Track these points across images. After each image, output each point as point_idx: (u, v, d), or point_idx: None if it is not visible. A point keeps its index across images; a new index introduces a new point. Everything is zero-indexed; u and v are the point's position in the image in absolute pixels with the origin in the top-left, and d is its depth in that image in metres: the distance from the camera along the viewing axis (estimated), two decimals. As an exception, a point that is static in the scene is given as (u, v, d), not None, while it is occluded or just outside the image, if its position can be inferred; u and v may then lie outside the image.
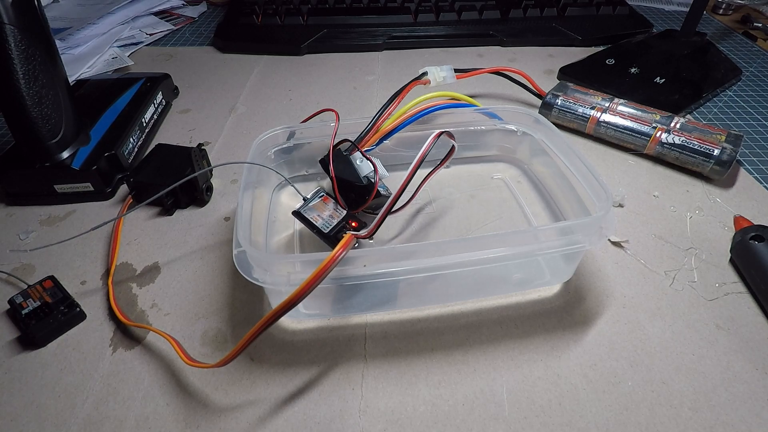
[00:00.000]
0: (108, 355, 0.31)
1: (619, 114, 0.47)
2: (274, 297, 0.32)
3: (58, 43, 0.56)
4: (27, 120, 0.39)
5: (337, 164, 0.36)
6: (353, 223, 0.32)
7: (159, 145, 0.44)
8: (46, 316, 0.32)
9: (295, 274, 0.28)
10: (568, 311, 0.34)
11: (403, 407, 0.29)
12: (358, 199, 0.35)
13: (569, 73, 0.59)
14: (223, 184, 0.45)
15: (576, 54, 0.65)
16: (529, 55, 0.66)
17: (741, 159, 0.47)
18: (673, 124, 0.45)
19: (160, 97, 0.53)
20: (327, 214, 0.33)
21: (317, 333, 0.33)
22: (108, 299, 0.34)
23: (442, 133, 0.32)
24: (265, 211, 0.40)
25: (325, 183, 0.43)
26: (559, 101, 0.50)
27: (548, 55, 0.66)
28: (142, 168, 0.41)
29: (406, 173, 0.30)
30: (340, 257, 0.27)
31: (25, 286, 0.34)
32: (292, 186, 0.35)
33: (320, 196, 0.34)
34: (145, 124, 0.50)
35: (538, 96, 0.54)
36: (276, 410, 0.29)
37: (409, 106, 0.40)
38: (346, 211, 0.33)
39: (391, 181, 0.37)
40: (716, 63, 0.59)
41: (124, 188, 0.44)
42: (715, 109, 0.54)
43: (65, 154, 0.42)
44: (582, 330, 0.33)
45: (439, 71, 0.46)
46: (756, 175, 0.45)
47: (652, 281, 0.36)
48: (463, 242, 0.31)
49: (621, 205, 0.42)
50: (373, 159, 0.35)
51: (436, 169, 0.35)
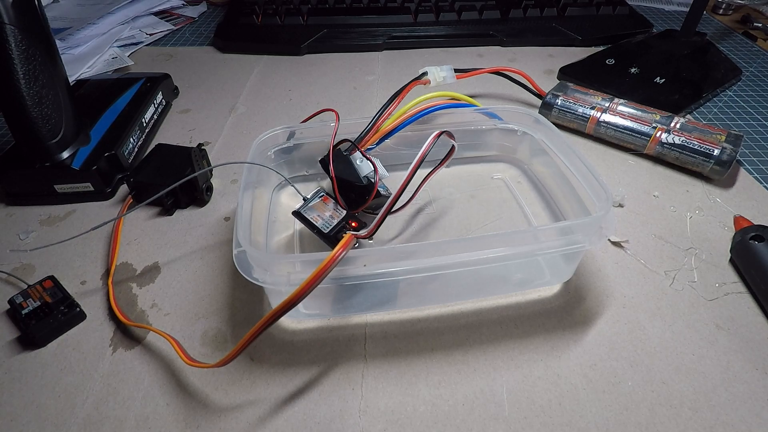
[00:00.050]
0: (108, 355, 0.31)
1: (619, 114, 0.47)
2: (274, 297, 0.32)
3: (58, 43, 0.56)
4: (27, 120, 0.39)
5: (337, 164, 0.36)
6: (353, 223, 0.32)
7: (159, 145, 0.44)
8: (46, 316, 0.32)
9: (295, 274, 0.28)
10: (568, 311, 0.34)
11: (403, 407, 0.29)
12: (358, 199, 0.35)
13: (569, 73, 0.59)
14: (223, 184, 0.45)
15: (576, 54, 0.65)
16: (529, 55, 0.66)
17: (741, 159, 0.47)
18: (673, 124, 0.45)
19: (160, 97, 0.53)
20: (327, 214, 0.33)
21: (317, 333, 0.33)
22: (108, 299, 0.34)
23: (442, 133, 0.32)
24: (265, 211, 0.40)
25: (325, 183, 0.43)
26: (559, 101, 0.50)
27: (548, 55, 0.66)
28: (142, 168, 0.41)
29: (406, 173, 0.30)
30: (340, 257, 0.27)
31: (25, 286, 0.34)
32: (292, 186, 0.35)
33: (320, 196, 0.34)
34: (145, 124, 0.50)
35: (538, 96, 0.54)
36: (276, 410, 0.29)
37: (409, 106, 0.40)
38: (346, 211, 0.33)
39: (391, 181, 0.37)
40: (716, 63, 0.59)
41: (124, 188, 0.44)
42: (715, 109, 0.54)
43: (65, 154, 0.42)
44: (582, 330, 0.33)
45: (439, 71, 0.46)
46: (756, 175, 0.45)
47: (652, 281, 0.36)
48: (463, 242, 0.31)
49: (621, 205, 0.42)
50: (373, 159, 0.35)
51: (436, 169, 0.35)
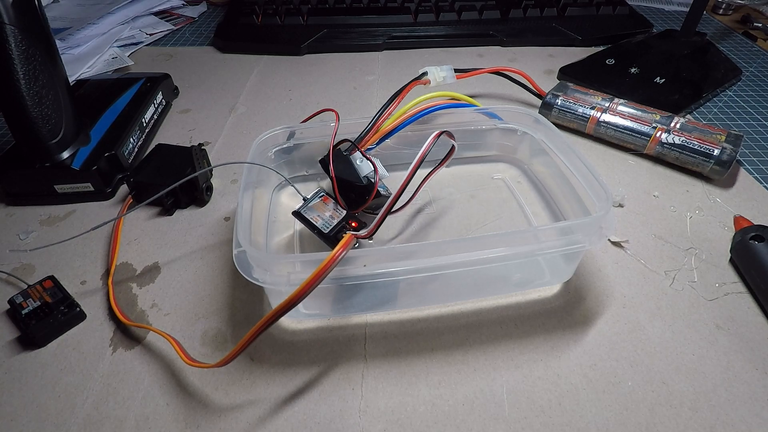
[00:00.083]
0: (108, 355, 0.31)
1: (619, 114, 0.47)
2: (274, 297, 0.32)
3: (58, 43, 0.56)
4: (27, 120, 0.39)
5: (337, 164, 0.36)
6: (353, 223, 0.32)
7: (159, 145, 0.44)
8: (46, 316, 0.32)
9: (295, 274, 0.28)
10: (568, 311, 0.34)
11: (403, 407, 0.29)
12: (358, 199, 0.35)
13: (569, 73, 0.59)
14: (223, 184, 0.45)
15: (576, 54, 0.65)
16: (529, 55, 0.66)
17: (741, 159, 0.47)
18: (673, 124, 0.45)
19: (160, 97, 0.53)
20: (327, 215, 0.33)
21: (317, 333, 0.33)
22: (108, 299, 0.34)
23: (442, 133, 0.32)
24: (265, 211, 0.40)
25: (324, 183, 0.43)
26: (559, 101, 0.50)
27: (548, 55, 0.66)
28: (142, 168, 0.41)
29: (406, 173, 0.30)
30: (340, 257, 0.27)
31: (25, 286, 0.34)
32: (292, 186, 0.35)
33: (320, 197, 0.34)
34: (145, 124, 0.50)
35: (538, 96, 0.54)
36: (276, 410, 0.29)
37: (409, 106, 0.40)
38: (346, 211, 0.33)
39: (391, 181, 0.37)
40: (716, 63, 0.59)
41: (124, 188, 0.44)
42: (715, 109, 0.54)
43: (65, 154, 0.42)
44: (582, 330, 0.33)
45: (439, 71, 0.46)
46: (756, 175, 0.45)
47: (652, 281, 0.36)
48: (463, 242, 0.31)
49: (621, 205, 0.42)
50: (373, 159, 0.35)
51: (436, 169, 0.35)
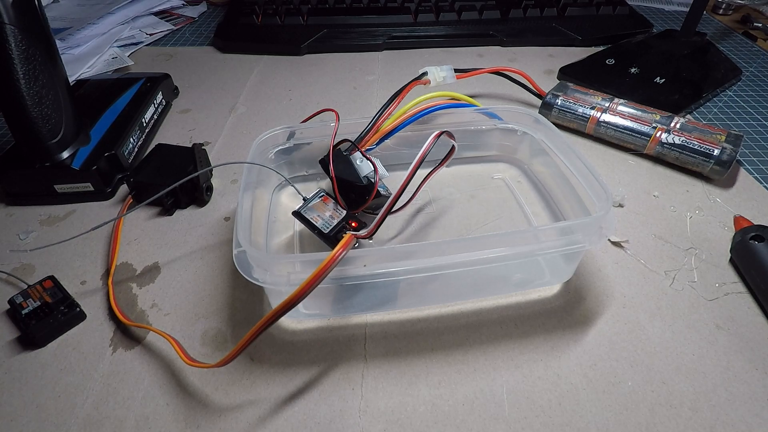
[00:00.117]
0: (108, 355, 0.31)
1: (619, 114, 0.47)
2: (274, 297, 0.32)
3: (58, 43, 0.56)
4: (27, 120, 0.39)
5: (337, 164, 0.36)
6: (353, 223, 0.32)
7: (159, 145, 0.44)
8: (46, 316, 0.32)
9: (295, 274, 0.28)
10: (568, 311, 0.34)
11: (403, 407, 0.29)
12: (358, 199, 0.35)
13: (569, 73, 0.59)
14: (223, 184, 0.45)
15: (576, 54, 0.65)
16: (529, 55, 0.66)
17: (741, 159, 0.47)
18: (673, 124, 0.45)
19: (160, 97, 0.53)
20: (327, 215, 0.33)
21: (317, 333, 0.33)
22: (108, 299, 0.34)
23: (442, 133, 0.32)
24: (265, 211, 0.40)
25: (324, 183, 0.43)
26: (559, 101, 0.50)
27: (548, 55, 0.66)
28: (142, 168, 0.41)
29: (406, 173, 0.30)
30: (340, 257, 0.27)
31: (25, 286, 0.34)
32: (293, 186, 0.35)
33: (320, 197, 0.34)
34: (145, 124, 0.50)
35: (538, 96, 0.54)
36: (276, 410, 0.29)
37: (409, 106, 0.40)
38: (346, 212, 0.33)
39: (391, 181, 0.37)
40: (716, 63, 0.59)
41: (124, 188, 0.44)
42: (715, 109, 0.54)
43: (65, 154, 0.42)
44: (582, 330, 0.33)
45: (439, 71, 0.46)
46: (756, 175, 0.45)
47: (652, 281, 0.36)
48: (463, 242, 0.31)
49: (621, 205, 0.42)
50: (373, 159, 0.35)
51: (436, 169, 0.35)
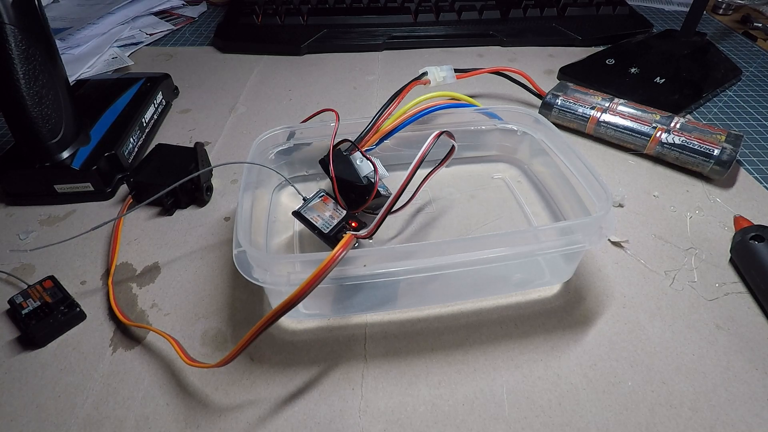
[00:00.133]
0: (108, 355, 0.31)
1: (619, 114, 0.47)
2: (274, 297, 0.32)
3: (58, 43, 0.56)
4: (27, 120, 0.39)
5: (337, 164, 0.36)
6: (353, 223, 0.32)
7: (159, 145, 0.44)
8: (46, 316, 0.32)
9: (295, 274, 0.28)
10: (568, 311, 0.34)
11: (403, 407, 0.29)
12: (358, 199, 0.35)
13: (569, 73, 0.59)
14: (223, 184, 0.45)
15: (576, 54, 0.65)
16: (529, 55, 0.66)
17: (741, 159, 0.47)
18: (673, 124, 0.45)
19: (160, 97, 0.53)
20: (327, 215, 0.33)
21: (317, 333, 0.33)
22: (108, 299, 0.34)
23: (442, 133, 0.32)
24: (265, 211, 0.40)
25: (324, 183, 0.43)
26: (559, 101, 0.50)
27: (548, 55, 0.66)
28: (142, 168, 0.41)
29: (406, 173, 0.30)
30: (340, 257, 0.27)
31: (25, 286, 0.34)
32: (292, 186, 0.35)
33: (320, 197, 0.34)
34: (145, 124, 0.50)
35: (538, 96, 0.54)
36: (276, 410, 0.29)
37: (409, 106, 0.40)
38: (346, 211, 0.33)
39: (391, 181, 0.37)
40: (716, 63, 0.59)
41: (124, 188, 0.44)
42: (715, 109, 0.54)
43: (65, 154, 0.42)
44: (582, 330, 0.33)
45: (439, 71, 0.46)
46: (756, 175, 0.45)
47: (652, 281, 0.36)
48: (463, 242, 0.31)
49: (621, 205, 0.42)
50: (373, 159, 0.35)
51: (436, 169, 0.35)
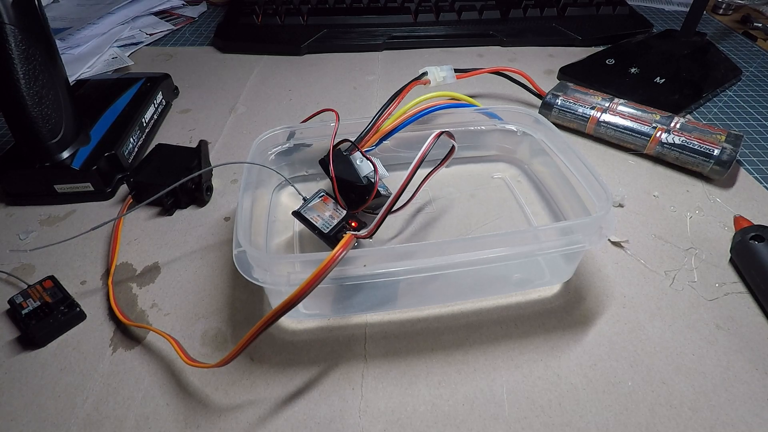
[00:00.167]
0: (108, 355, 0.31)
1: (619, 114, 0.47)
2: (274, 297, 0.32)
3: (58, 43, 0.56)
4: (27, 120, 0.39)
5: (337, 164, 0.36)
6: (353, 223, 0.32)
7: (159, 145, 0.44)
8: (46, 316, 0.32)
9: (295, 274, 0.28)
10: (568, 311, 0.34)
11: (403, 407, 0.29)
12: (358, 199, 0.35)
13: (569, 73, 0.59)
14: (223, 184, 0.45)
15: (576, 54, 0.65)
16: (529, 55, 0.66)
17: (741, 159, 0.47)
18: (673, 124, 0.45)
19: (160, 97, 0.53)
20: (327, 215, 0.33)
21: (317, 333, 0.33)
22: (108, 299, 0.34)
23: (442, 133, 0.32)
24: (265, 211, 0.40)
25: (324, 183, 0.43)
26: (559, 101, 0.50)
27: (548, 55, 0.66)
28: (142, 168, 0.41)
29: (406, 173, 0.30)
30: (340, 257, 0.27)
31: (25, 286, 0.34)
32: (293, 186, 0.35)
33: (320, 197, 0.34)
34: (145, 124, 0.50)
35: (538, 96, 0.54)
36: (276, 410, 0.29)
37: (409, 106, 0.40)
38: (346, 211, 0.33)
39: (391, 181, 0.37)
40: (716, 63, 0.59)
41: (124, 188, 0.44)
42: (715, 109, 0.54)
43: (65, 154, 0.42)
44: (582, 330, 0.33)
45: (439, 71, 0.46)
46: (756, 175, 0.45)
47: (652, 281, 0.36)
48: (463, 242, 0.31)
49: (621, 205, 0.42)
50: (373, 159, 0.35)
51: (436, 169, 0.35)
